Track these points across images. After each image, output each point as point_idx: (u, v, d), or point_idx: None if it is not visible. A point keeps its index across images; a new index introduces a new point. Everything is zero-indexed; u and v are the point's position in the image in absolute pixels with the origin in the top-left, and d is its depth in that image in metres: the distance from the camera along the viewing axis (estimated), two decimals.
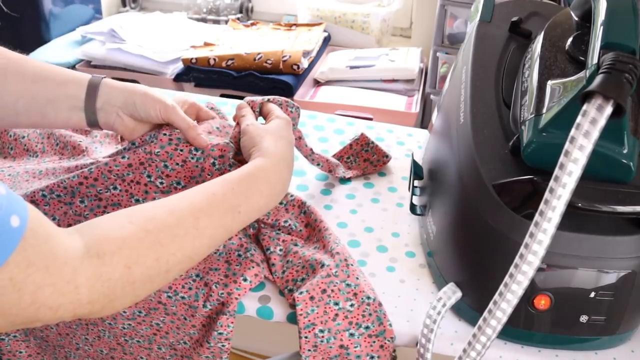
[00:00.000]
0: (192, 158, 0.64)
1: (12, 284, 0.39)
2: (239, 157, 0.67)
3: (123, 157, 0.63)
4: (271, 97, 0.71)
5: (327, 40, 1.87)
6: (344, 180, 0.82)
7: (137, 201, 0.63)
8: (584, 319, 0.55)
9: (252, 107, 0.69)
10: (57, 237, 0.43)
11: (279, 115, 0.68)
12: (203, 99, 1.03)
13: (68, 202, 0.63)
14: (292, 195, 0.71)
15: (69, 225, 0.63)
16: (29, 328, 0.66)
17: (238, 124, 0.68)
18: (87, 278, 0.43)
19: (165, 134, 0.64)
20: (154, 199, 0.63)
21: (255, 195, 0.58)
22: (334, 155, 0.85)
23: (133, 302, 0.49)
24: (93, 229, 0.47)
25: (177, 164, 0.64)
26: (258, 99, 0.70)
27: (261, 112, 0.70)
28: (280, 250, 0.66)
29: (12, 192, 0.40)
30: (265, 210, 0.61)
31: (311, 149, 0.76)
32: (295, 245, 0.66)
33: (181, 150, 0.64)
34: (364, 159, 0.84)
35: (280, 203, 0.69)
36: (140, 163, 0.63)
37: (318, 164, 0.77)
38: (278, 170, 0.61)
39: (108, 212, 0.63)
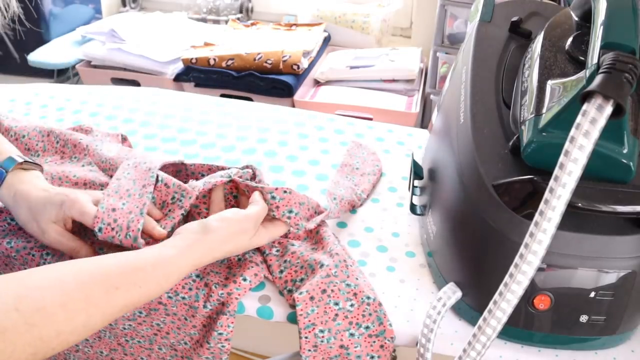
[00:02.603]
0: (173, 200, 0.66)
1: None
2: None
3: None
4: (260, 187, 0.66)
5: (327, 40, 1.87)
6: None
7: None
8: (584, 318, 0.55)
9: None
10: None
11: (257, 203, 0.64)
12: (203, 99, 1.03)
13: None
14: None
15: None
16: None
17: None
18: None
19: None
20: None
21: (150, 284, 0.53)
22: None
23: None
24: None
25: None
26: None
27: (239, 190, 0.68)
28: (277, 251, 0.66)
29: None
30: None
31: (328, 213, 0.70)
32: (293, 245, 0.66)
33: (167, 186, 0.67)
34: (361, 174, 0.83)
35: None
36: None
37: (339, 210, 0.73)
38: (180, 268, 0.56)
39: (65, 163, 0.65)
